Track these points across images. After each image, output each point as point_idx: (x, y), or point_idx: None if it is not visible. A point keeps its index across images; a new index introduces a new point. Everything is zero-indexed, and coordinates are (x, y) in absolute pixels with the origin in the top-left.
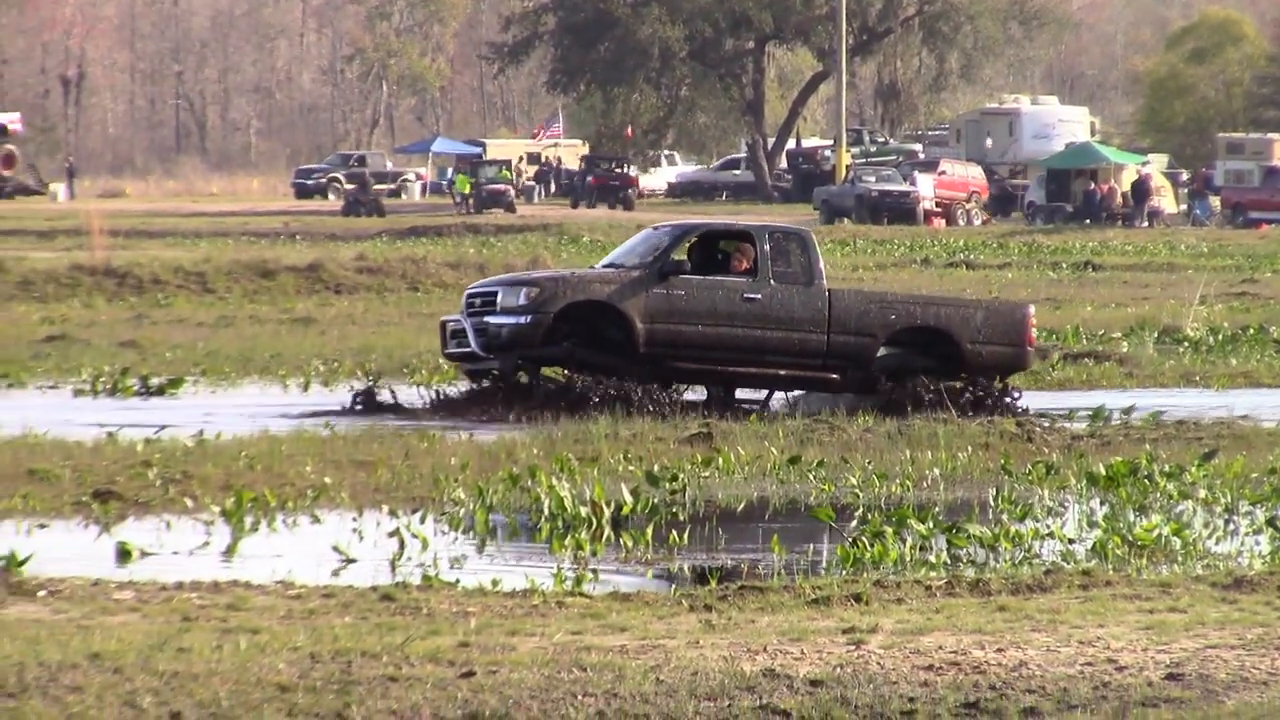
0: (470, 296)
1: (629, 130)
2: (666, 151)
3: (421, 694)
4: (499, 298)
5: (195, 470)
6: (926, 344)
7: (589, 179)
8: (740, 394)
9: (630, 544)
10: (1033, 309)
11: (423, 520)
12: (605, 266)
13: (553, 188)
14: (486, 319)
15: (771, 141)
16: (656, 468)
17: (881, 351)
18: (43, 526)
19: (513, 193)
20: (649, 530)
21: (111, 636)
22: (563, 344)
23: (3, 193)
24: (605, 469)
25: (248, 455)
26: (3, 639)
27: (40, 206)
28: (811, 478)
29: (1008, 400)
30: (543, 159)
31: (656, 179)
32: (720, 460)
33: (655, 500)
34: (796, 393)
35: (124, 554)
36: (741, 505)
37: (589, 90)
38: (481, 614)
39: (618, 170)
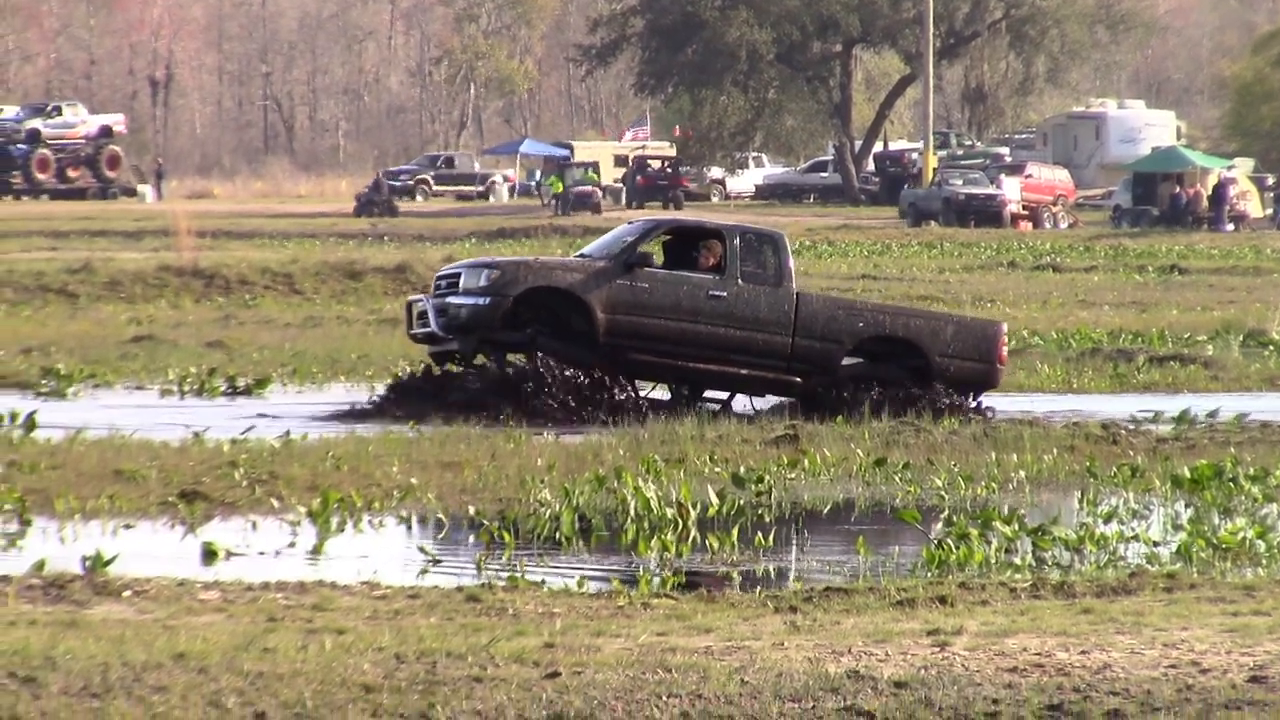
0: (439, 278)
1: (680, 129)
2: (754, 154)
3: (506, 695)
4: (461, 279)
5: (282, 470)
6: (895, 355)
7: (638, 179)
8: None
9: (716, 546)
10: (1005, 327)
11: (509, 522)
12: (578, 256)
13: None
14: (448, 299)
15: (859, 144)
16: (742, 469)
17: (850, 360)
18: (128, 527)
19: (599, 195)
20: (734, 532)
21: (197, 637)
22: (526, 331)
23: (107, 193)
24: (691, 470)
25: (334, 456)
26: (88, 639)
27: (129, 207)
28: (897, 479)
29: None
30: (630, 161)
31: (744, 181)
32: (806, 462)
33: (741, 502)
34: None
35: (210, 554)
36: (827, 507)
37: (676, 92)
38: (567, 615)
39: (667, 170)
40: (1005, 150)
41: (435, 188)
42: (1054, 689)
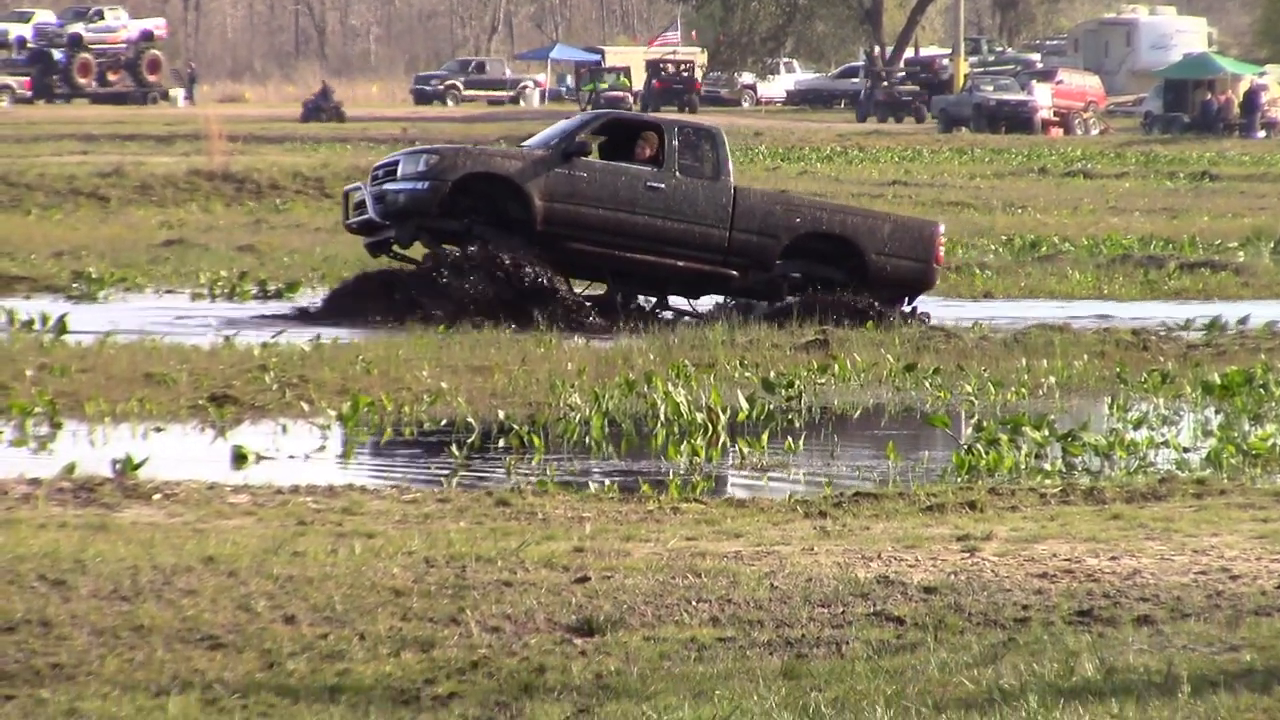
0: (377, 167)
1: (695, 34)
2: (785, 60)
3: (535, 599)
4: (400, 166)
5: (312, 374)
6: (831, 253)
7: (653, 83)
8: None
9: (745, 450)
10: (943, 227)
11: (538, 426)
12: (520, 146)
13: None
14: (386, 186)
15: (890, 50)
16: (772, 374)
17: (785, 259)
18: (159, 430)
19: (631, 100)
20: (764, 437)
21: (226, 540)
22: (463, 220)
23: (146, 98)
24: (721, 375)
25: (364, 360)
26: (117, 542)
27: (160, 111)
28: (927, 385)
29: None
30: (660, 67)
31: (775, 87)
32: (836, 367)
33: (771, 407)
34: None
35: (239, 458)
36: (857, 412)
37: None
38: (596, 519)
39: (683, 74)
40: (1036, 56)
41: (466, 93)
42: (1083, 595)
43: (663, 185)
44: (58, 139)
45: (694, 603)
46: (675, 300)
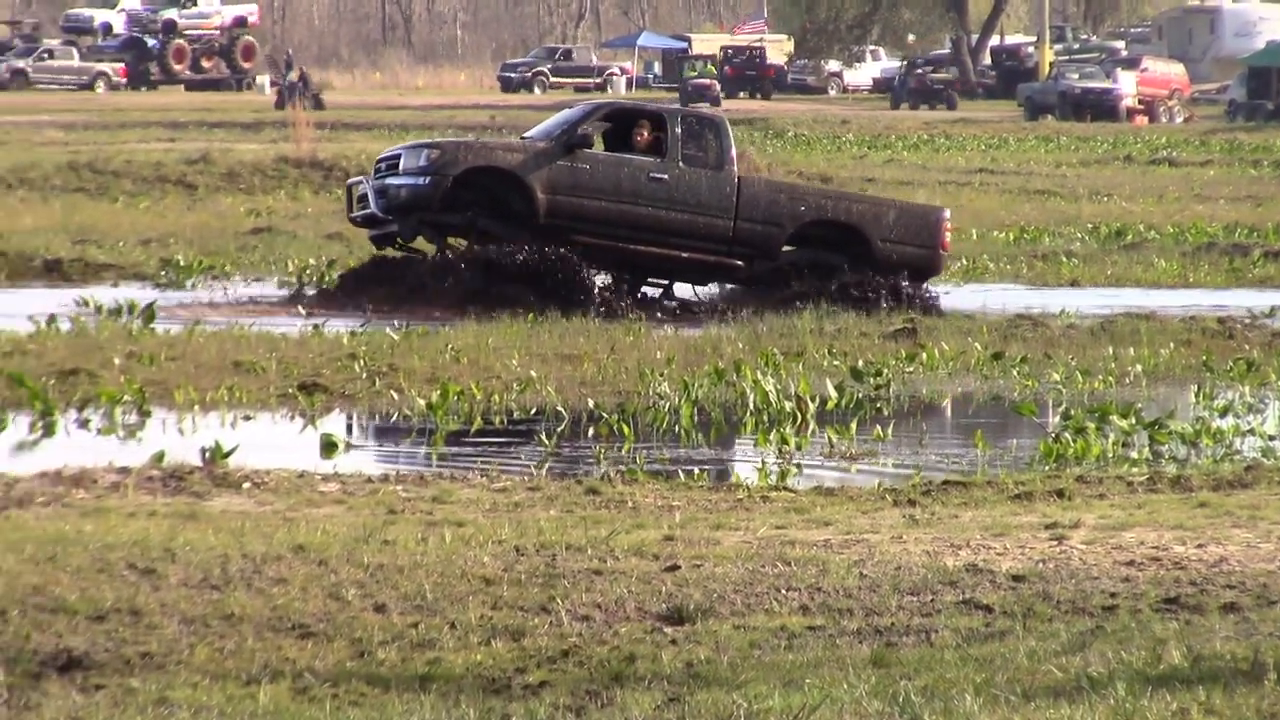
0: (379, 160)
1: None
2: (871, 47)
3: (626, 587)
4: (401, 160)
5: (401, 363)
6: (837, 240)
7: (726, 69)
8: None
9: (834, 439)
10: (948, 213)
11: (628, 415)
12: (522, 138)
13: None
14: (388, 180)
15: (975, 38)
16: (861, 363)
17: (792, 246)
18: (248, 418)
19: (718, 87)
20: (853, 425)
21: (316, 528)
22: (466, 213)
23: (242, 84)
24: (810, 364)
25: (454, 348)
26: (207, 531)
27: (247, 99)
28: (1015, 373)
29: (924, 298)
30: (732, 53)
31: (861, 75)
32: (924, 355)
33: (859, 395)
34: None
35: (329, 446)
36: (945, 400)
37: None
38: (686, 508)
39: (755, 60)
40: (1120, 44)
41: (553, 80)
42: (1170, 582)
43: (666, 176)
44: (145, 126)
45: (783, 591)
46: (681, 289)
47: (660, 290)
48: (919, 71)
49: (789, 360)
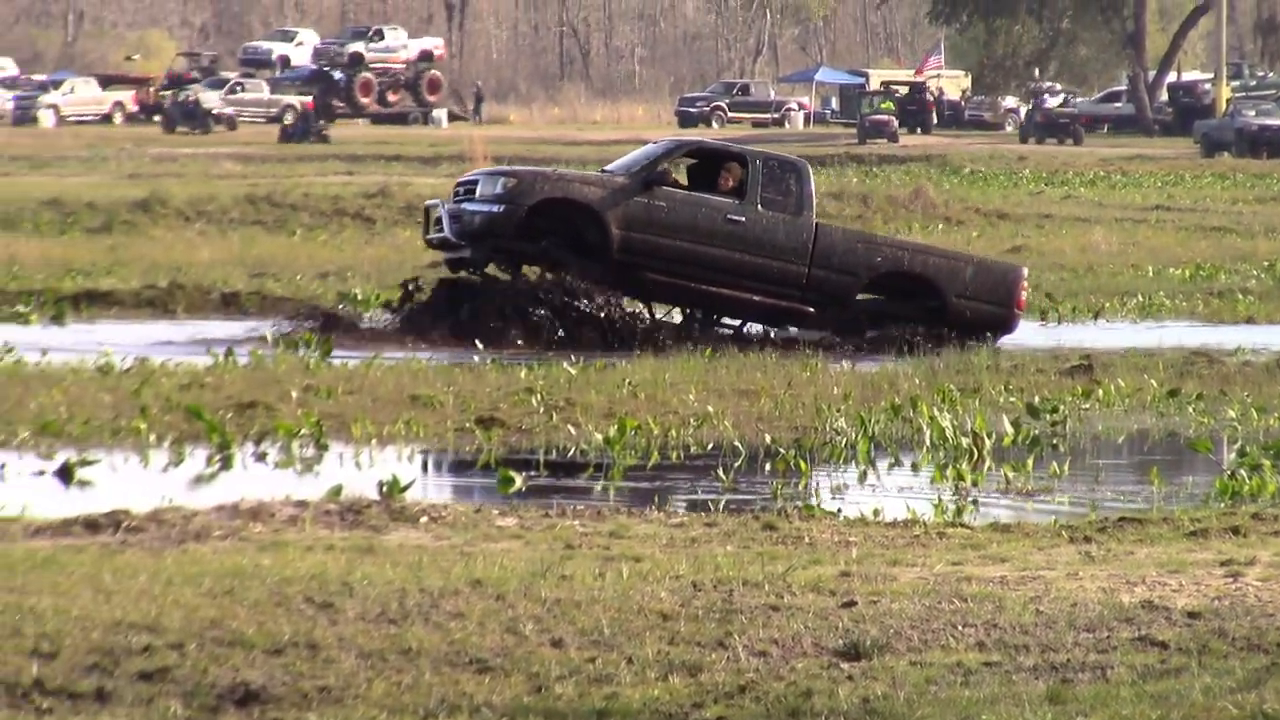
0: (458, 185)
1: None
2: (1048, 83)
3: (802, 623)
4: (479, 186)
5: (578, 397)
6: (912, 293)
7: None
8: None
9: (1010, 475)
10: (1025, 271)
11: (805, 450)
12: (601, 172)
13: (934, 119)
14: (463, 206)
15: (1152, 74)
16: (1037, 399)
17: (866, 295)
18: (425, 452)
19: (895, 123)
20: (1029, 461)
21: (494, 563)
22: (541, 243)
23: (429, 118)
24: (986, 400)
25: (631, 382)
26: (384, 565)
27: (424, 133)
28: (1190, 410)
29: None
30: (925, 90)
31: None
32: (1100, 392)
33: (1036, 431)
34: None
35: (506, 481)
36: (1121, 437)
37: (971, 21)
38: (863, 544)
39: (917, 96)
40: None
41: (730, 115)
42: None
43: (743, 218)
44: (322, 159)
45: (959, 627)
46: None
47: (731, 331)
48: (1045, 106)
49: (965, 396)
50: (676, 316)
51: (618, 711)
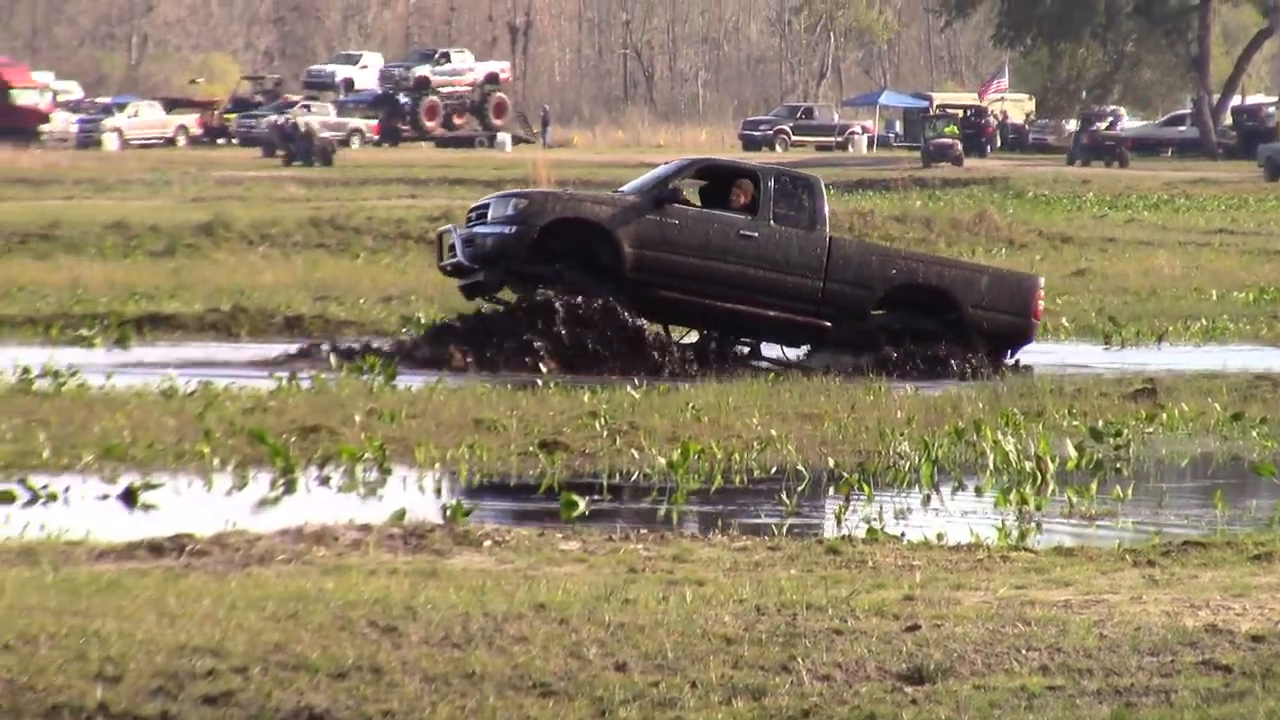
0: (471, 210)
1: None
2: (1112, 107)
3: (866, 647)
4: (490, 209)
5: (641, 421)
6: (928, 305)
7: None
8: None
9: (1074, 499)
10: (1042, 281)
11: (868, 474)
12: (615, 192)
13: (998, 142)
14: (475, 229)
15: (1216, 98)
16: (1100, 423)
17: (882, 310)
18: (488, 476)
19: (960, 147)
20: (1093, 485)
21: (557, 587)
22: (554, 265)
23: (494, 141)
24: (1049, 424)
25: (694, 406)
26: (448, 589)
27: (489, 156)
28: (1254, 434)
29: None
30: (988, 113)
31: None
32: (1164, 416)
33: (1099, 455)
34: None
35: (569, 505)
36: (1185, 461)
37: (1035, 44)
38: (926, 568)
39: (975, 120)
40: None
41: (794, 138)
42: None
43: (756, 234)
44: (385, 183)
45: (1023, 651)
46: (770, 348)
47: (748, 349)
48: (1092, 129)
49: (1029, 420)
50: (692, 338)
51: None
